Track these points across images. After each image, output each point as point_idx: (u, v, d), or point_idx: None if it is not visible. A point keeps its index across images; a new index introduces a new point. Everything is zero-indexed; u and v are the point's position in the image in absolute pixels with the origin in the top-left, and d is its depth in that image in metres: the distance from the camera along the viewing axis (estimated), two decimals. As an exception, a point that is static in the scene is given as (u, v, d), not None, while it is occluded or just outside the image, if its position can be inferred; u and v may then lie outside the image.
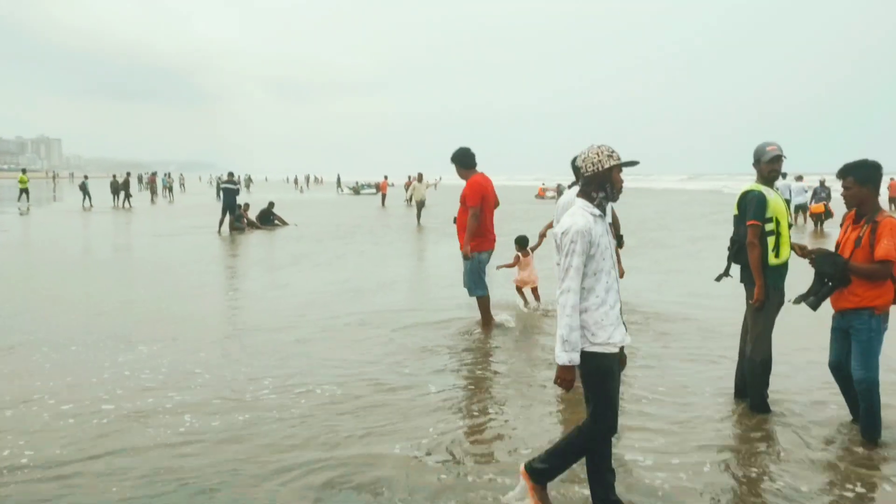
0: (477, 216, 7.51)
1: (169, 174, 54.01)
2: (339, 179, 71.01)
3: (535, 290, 9.17)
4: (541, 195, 45.63)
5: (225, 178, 22.53)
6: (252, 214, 22.45)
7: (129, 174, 38.43)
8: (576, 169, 6.40)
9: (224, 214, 20.87)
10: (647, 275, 11.66)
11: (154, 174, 47.18)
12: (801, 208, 22.22)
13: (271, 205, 23.60)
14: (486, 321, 7.83)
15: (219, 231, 20.40)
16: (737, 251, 5.12)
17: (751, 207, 4.94)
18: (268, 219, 22.81)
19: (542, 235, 9.22)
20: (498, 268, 9.33)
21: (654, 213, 28.84)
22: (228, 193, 20.95)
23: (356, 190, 57.09)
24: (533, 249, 9.37)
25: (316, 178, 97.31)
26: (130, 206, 34.23)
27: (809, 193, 21.85)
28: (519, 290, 9.26)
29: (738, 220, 5.11)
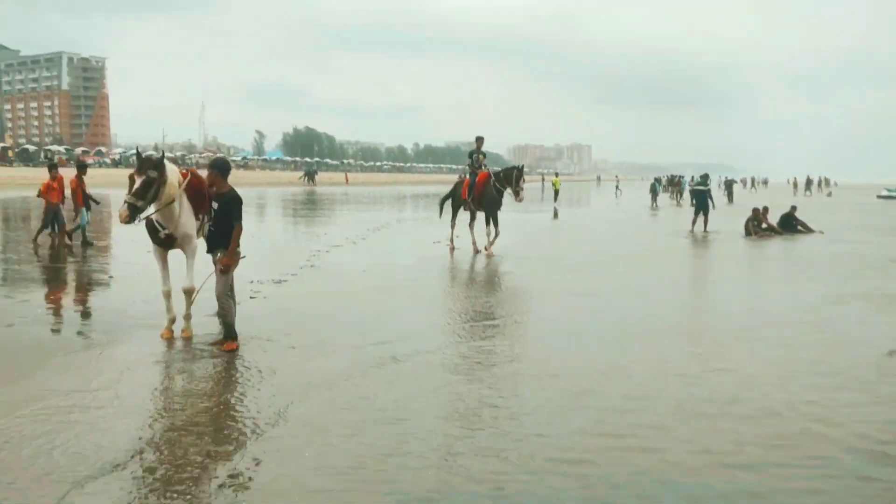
0: None
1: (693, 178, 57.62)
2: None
3: None
4: None
5: (698, 179, 23.79)
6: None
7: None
8: None
9: (697, 215, 22.20)
10: None
11: (676, 177, 50.79)
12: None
13: (793, 208, 22.91)
14: None
15: (692, 230, 21.72)
16: None
17: None
18: (790, 224, 22.15)
19: None
20: None
21: None
22: (700, 195, 22.61)
23: None
24: None
25: (825, 181, 77.70)
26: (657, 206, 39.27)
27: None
28: None
29: None
